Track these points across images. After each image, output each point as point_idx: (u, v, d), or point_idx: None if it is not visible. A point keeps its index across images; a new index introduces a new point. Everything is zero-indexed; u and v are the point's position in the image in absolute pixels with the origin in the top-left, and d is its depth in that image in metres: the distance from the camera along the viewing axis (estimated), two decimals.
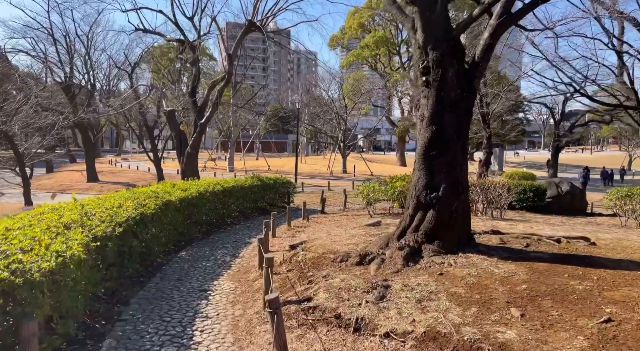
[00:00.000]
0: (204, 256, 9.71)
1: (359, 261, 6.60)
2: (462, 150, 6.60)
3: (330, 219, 14.56)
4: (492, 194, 14.00)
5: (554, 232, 10.09)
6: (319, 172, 39.95)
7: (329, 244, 8.47)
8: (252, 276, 7.81)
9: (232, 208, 14.66)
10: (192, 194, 11.33)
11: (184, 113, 33.42)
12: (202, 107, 18.85)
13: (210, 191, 12.74)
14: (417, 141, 6.79)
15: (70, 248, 4.92)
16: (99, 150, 61.04)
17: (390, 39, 57.46)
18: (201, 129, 17.94)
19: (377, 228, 10.38)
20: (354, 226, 11.10)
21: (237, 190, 14.73)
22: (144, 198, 8.74)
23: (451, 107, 6.38)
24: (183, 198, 10.54)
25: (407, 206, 6.98)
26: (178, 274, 8.16)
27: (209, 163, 44.86)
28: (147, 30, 21.03)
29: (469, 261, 6.01)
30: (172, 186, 11.63)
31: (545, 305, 4.34)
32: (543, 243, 7.09)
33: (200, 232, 12.18)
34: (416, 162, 6.73)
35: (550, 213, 16.59)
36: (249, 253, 10.06)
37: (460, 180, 6.59)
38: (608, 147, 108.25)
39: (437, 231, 6.57)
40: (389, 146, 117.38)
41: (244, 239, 11.88)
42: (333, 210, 18.10)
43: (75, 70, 34.44)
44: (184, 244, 10.76)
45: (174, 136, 18.69)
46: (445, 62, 6.32)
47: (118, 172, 37.70)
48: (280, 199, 18.79)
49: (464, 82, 6.45)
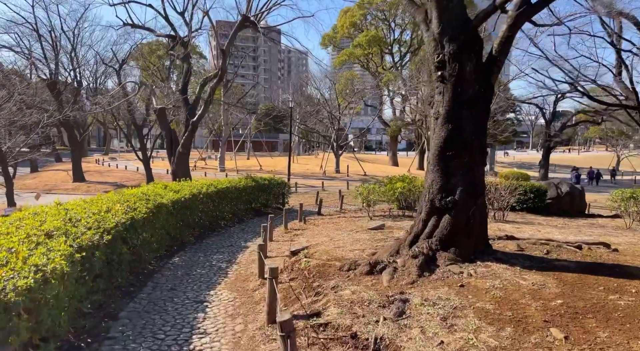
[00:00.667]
0: (199, 262, 9.15)
1: (369, 270, 6.11)
2: (480, 150, 6.16)
3: (328, 222, 14.08)
4: (494, 195, 13.63)
5: (564, 236, 9.73)
6: (312, 172, 39.44)
7: (333, 250, 7.98)
8: (251, 285, 7.27)
9: (226, 209, 14.09)
10: (185, 196, 10.76)
11: (175, 111, 32.68)
12: (194, 105, 18.22)
13: (204, 193, 12.17)
14: (430, 141, 6.33)
15: (52, 260, 4.36)
16: (85, 149, 59.75)
17: (382, 38, 57.16)
18: (193, 127, 17.32)
19: (382, 231, 9.91)
20: (356, 230, 10.62)
21: (231, 191, 14.17)
22: (134, 201, 8.16)
23: (469, 104, 5.93)
24: (176, 200, 9.96)
25: (420, 210, 6.52)
26: (171, 283, 7.60)
27: (199, 163, 44.09)
28: (136, 26, 20.31)
29: (490, 270, 5.56)
30: (164, 187, 11.03)
31: (588, 325, 3.90)
32: (564, 250, 6.68)
33: (194, 236, 11.61)
34: (430, 163, 6.27)
35: (550, 214, 16.31)
36: (245, 258, 9.52)
37: (478, 182, 6.14)
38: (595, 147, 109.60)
39: (452, 238, 6.11)
40: (379, 146, 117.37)
41: (239, 243, 11.32)
42: (329, 211, 17.62)
43: (61, 67, 33.51)
44: (177, 249, 10.18)
45: (164, 134, 18.03)
46: (462, 56, 5.87)
47: (105, 172, 36.76)
48: (274, 200, 18.26)
49: (481, 77, 6.00)
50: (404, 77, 49.38)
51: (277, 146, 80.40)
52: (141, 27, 20.20)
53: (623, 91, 18.79)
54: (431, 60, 6.19)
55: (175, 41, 18.91)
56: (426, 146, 44.24)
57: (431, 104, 6.28)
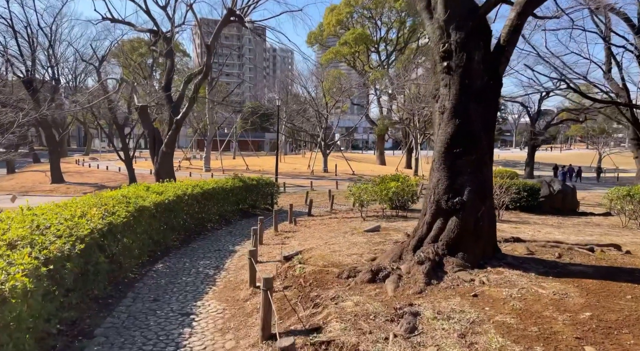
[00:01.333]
0: (184, 268, 8.55)
1: (371, 277, 5.62)
2: (489, 147, 5.73)
3: (319, 223, 13.56)
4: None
5: (566, 236, 9.40)
6: (300, 172, 38.89)
7: (329, 254, 7.47)
8: (242, 295, 6.72)
9: (213, 211, 13.48)
10: (169, 197, 10.13)
11: (158, 109, 31.77)
12: (178, 103, 17.50)
13: (189, 194, 11.54)
14: (435, 137, 5.87)
15: (12, 276, 3.76)
16: (65, 149, 58.11)
17: (369, 36, 56.89)
18: (177, 126, 16.62)
19: (378, 234, 9.44)
20: (351, 232, 10.14)
21: (218, 192, 13.56)
22: (112, 204, 7.52)
23: (477, 97, 5.48)
24: (159, 203, 9.33)
25: (424, 212, 6.05)
26: (154, 293, 7.00)
27: (183, 163, 43.13)
28: (116, 20, 19.46)
29: (504, 277, 5.12)
30: (146, 189, 10.38)
31: (626, 342, 3.48)
32: (576, 253, 6.30)
33: (178, 240, 10.98)
34: (435, 161, 5.80)
35: (543, 213, 16.10)
36: (234, 264, 8.96)
37: (486, 182, 5.71)
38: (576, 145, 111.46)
39: (460, 242, 5.67)
40: (366, 145, 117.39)
41: (227, 247, 10.74)
42: (320, 212, 17.12)
43: (39, 64, 32.28)
44: (161, 254, 9.55)
45: (147, 133, 17.28)
46: (470, 45, 5.42)
47: (86, 172, 35.60)
48: (263, 201, 17.69)
49: (490, 68, 5.57)
50: (391, 76, 49.12)
51: (263, 145, 79.62)
52: (121, 21, 19.37)
53: (613, 87, 18.72)
54: (435, 50, 5.73)
55: (158, 36, 18.16)
56: (414, 145, 44.06)
57: (435, 98, 5.82)
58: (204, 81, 16.07)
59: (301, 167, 42.03)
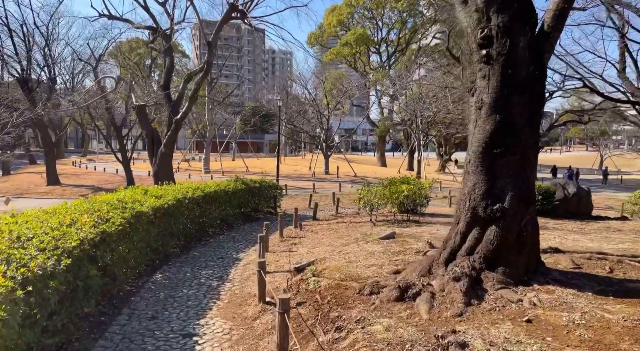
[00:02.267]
0: (185, 279, 7.85)
1: (399, 295, 4.94)
2: (534, 147, 5.07)
3: (326, 228, 12.88)
4: None
5: (598, 244, 8.75)
6: (300, 174, 38.20)
7: (345, 266, 6.78)
8: (250, 312, 6.03)
9: (214, 215, 12.79)
10: (169, 202, 9.43)
11: (157, 110, 31.07)
12: (177, 102, 16.82)
13: (190, 198, 10.85)
14: (470, 136, 5.20)
15: None
16: (62, 151, 57.33)
17: (370, 36, 56.34)
18: (176, 126, 15.93)
19: (395, 242, 8.76)
20: (365, 239, 9.45)
21: (219, 195, 12.87)
22: (107, 210, 6.82)
23: (522, 89, 4.82)
24: (158, 207, 8.64)
25: (456, 220, 5.38)
26: (152, 309, 6.30)
27: (182, 164, 42.40)
28: (113, 17, 18.77)
29: (557, 298, 4.45)
30: (144, 192, 9.68)
31: None
32: (627, 266, 5.64)
33: (178, 246, 10.28)
34: (471, 163, 5.13)
35: (558, 217, 15.45)
36: (239, 273, 8.26)
37: (531, 186, 5.05)
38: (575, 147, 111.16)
39: (500, 255, 4.99)
40: (365, 147, 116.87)
41: (230, 254, 10.04)
42: (325, 216, 16.44)
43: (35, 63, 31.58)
44: (159, 263, 8.85)
45: (145, 134, 16.59)
46: (514, 29, 4.76)
47: (82, 174, 34.84)
48: (265, 204, 16.99)
49: (535, 57, 4.91)
50: (392, 77, 48.53)
51: (262, 146, 78.96)
52: (118, 18, 18.68)
53: (628, 87, 18.09)
54: (471, 37, 5.06)
55: (156, 33, 17.48)
56: (416, 146, 43.40)
57: (471, 91, 5.15)
58: (204, 78, 15.40)
59: (302, 169, 41.34)
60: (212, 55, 14.81)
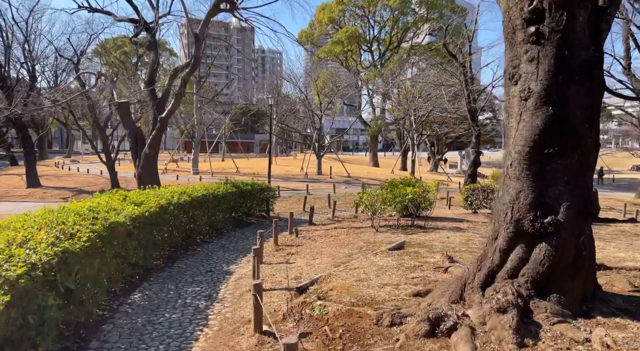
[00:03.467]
0: (168, 299, 6.83)
1: (430, 329, 4.01)
2: (595, 148, 4.17)
3: (324, 234, 11.92)
4: None
5: (630, 254, 7.91)
6: (292, 174, 37.19)
7: (354, 285, 5.83)
8: (244, 345, 5.03)
9: (203, 221, 11.76)
10: (151, 209, 8.40)
11: (143, 109, 29.85)
12: (163, 100, 15.73)
13: (175, 203, 9.82)
14: (512, 133, 4.28)
15: None
16: (45, 151, 55.59)
17: (362, 35, 55.55)
18: (161, 125, 14.85)
19: (407, 253, 7.83)
20: (372, 250, 8.50)
21: (208, 200, 11.84)
22: (73, 222, 5.78)
23: (580, 75, 3.91)
24: (137, 217, 7.59)
25: (494, 234, 4.45)
26: (126, 342, 5.27)
27: (170, 165, 41.09)
28: (94, 9, 17.60)
29: (634, 336, 3.56)
30: (122, 198, 8.62)
31: None
32: None
33: (162, 258, 9.25)
34: (514, 166, 4.20)
35: None
36: (231, 291, 7.26)
37: (590, 195, 4.15)
38: None
39: (553, 278, 4.07)
40: (356, 147, 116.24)
41: (220, 266, 9.03)
42: (321, 220, 15.50)
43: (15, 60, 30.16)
44: (139, 279, 7.81)
45: (128, 133, 15.48)
46: (572, 0, 3.86)
47: (65, 176, 33.40)
48: (258, 208, 15.98)
49: (594, 36, 4.01)
50: (385, 75, 47.73)
51: (253, 147, 77.76)
52: (99, 10, 17.52)
53: (635, 84, 17.44)
54: (515, 11, 4.13)
55: (140, 26, 16.37)
56: (410, 145, 42.65)
57: (513, 78, 4.23)
58: (192, 74, 14.36)
59: (294, 170, 40.31)
60: (200, 49, 13.76)
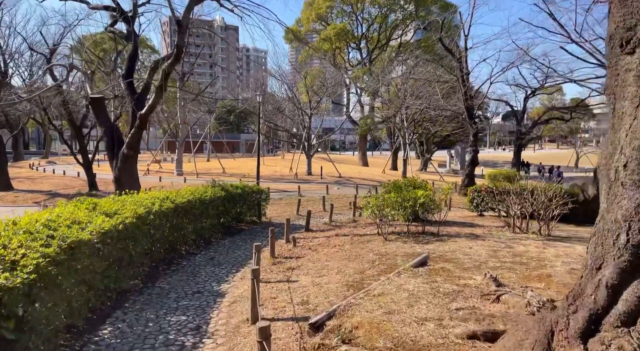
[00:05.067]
0: (145, 334, 5.50)
1: None
2: None
3: (325, 243, 10.66)
4: (537, 202, 10.79)
5: None
6: (281, 175, 35.81)
7: (385, 321, 4.59)
8: None
9: (188, 230, 10.39)
10: (126, 219, 7.03)
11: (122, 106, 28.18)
12: (142, 95, 14.25)
13: (156, 212, 8.45)
14: (622, 122, 3.09)
15: None
16: (20, 152, 53.03)
17: (351, 31, 54.44)
18: (141, 122, 13.39)
19: (436, 272, 6.62)
20: (384, 262, 7.27)
21: (195, 206, 10.47)
22: (18, 245, 4.40)
23: None
24: (108, 231, 6.22)
25: (595, 263, 3.26)
26: None
27: (153, 166, 39.28)
28: None
29: None
30: (92, 207, 7.22)
31: None
32: None
33: (141, 276, 7.87)
34: (625, 169, 3.02)
35: (579, 223, 13.74)
36: (224, 321, 5.96)
37: None
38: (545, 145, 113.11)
39: None
40: (343, 146, 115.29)
41: (210, 285, 7.70)
42: (318, 225, 14.26)
43: None
44: (111, 306, 6.44)
45: (103, 132, 13.97)
46: None
47: (39, 178, 31.39)
48: (248, 212, 14.62)
49: None
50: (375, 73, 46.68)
51: (239, 146, 76.01)
52: None
53: None
54: None
55: (117, 14, 14.84)
56: (402, 145, 41.64)
57: (626, 44, 3.05)
58: (175, 65, 12.93)
59: (282, 170, 38.91)
60: (184, 38, 12.36)
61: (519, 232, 10.93)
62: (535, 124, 49.94)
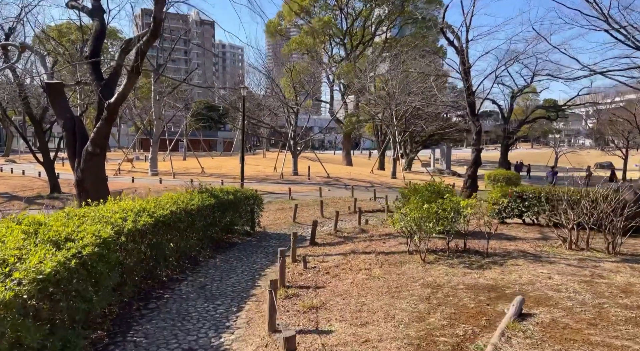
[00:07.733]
0: None
1: None
2: None
3: (345, 265, 8.52)
4: (601, 212, 8.97)
5: None
6: (265, 175, 33.47)
7: None
8: None
9: (170, 248, 8.05)
10: (85, 249, 4.72)
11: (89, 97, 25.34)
12: (111, 81, 11.76)
13: (130, 232, 6.14)
14: None
15: None
16: None
17: (336, 25, 52.45)
18: (109, 114, 10.91)
19: (553, 336, 4.57)
20: (447, 302, 5.20)
21: (179, 219, 8.16)
22: None
23: None
24: (51, 274, 3.91)
25: None
26: None
27: (124, 165, 36.23)
28: None
29: None
30: (33, 231, 4.86)
31: None
32: None
33: (105, 324, 5.57)
34: None
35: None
36: None
37: None
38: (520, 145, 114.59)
39: None
40: (322, 145, 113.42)
41: (205, 336, 5.45)
42: (321, 235, 12.15)
43: None
44: None
45: (62, 125, 11.42)
46: None
47: None
48: (240, 221, 12.35)
49: None
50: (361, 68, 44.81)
51: (216, 144, 73.02)
52: None
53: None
54: None
55: None
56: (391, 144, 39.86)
57: None
58: (151, 44, 10.52)
59: (266, 170, 36.50)
60: (162, 11, 10.00)
61: (576, 248, 9.08)
62: (522, 123, 49.16)
